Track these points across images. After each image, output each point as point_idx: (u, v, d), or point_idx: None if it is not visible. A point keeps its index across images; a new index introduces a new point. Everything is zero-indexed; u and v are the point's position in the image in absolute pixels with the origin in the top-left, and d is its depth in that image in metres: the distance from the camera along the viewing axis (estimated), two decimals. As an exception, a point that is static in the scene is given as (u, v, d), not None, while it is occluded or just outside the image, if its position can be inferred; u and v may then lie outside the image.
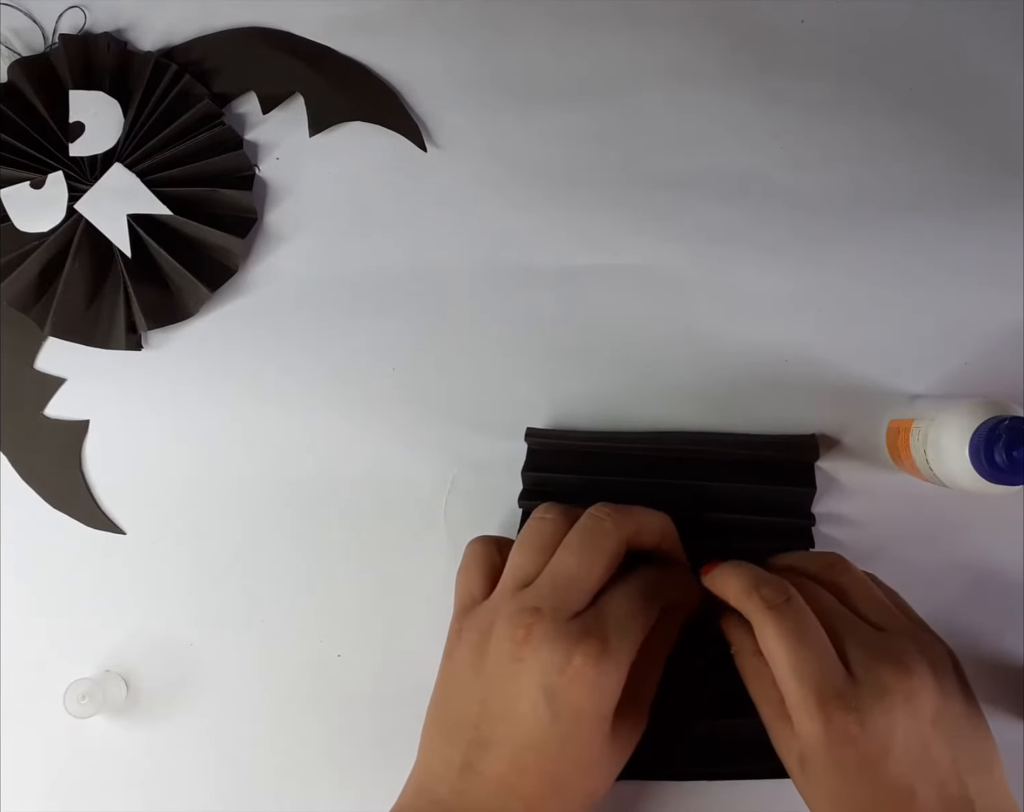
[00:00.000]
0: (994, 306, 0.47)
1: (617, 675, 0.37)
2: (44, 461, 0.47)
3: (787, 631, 0.37)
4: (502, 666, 0.37)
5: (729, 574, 0.40)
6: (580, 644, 0.36)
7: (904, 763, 0.35)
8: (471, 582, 0.41)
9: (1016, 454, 0.36)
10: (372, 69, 0.49)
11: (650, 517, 0.42)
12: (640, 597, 0.39)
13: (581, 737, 0.37)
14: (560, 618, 0.37)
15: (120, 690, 0.46)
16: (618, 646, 0.37)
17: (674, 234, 0.48)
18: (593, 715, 0.37)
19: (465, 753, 0.38)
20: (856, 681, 0.36)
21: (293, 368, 0.48)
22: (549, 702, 0.36)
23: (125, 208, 0.47)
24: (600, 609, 0.38)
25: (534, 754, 0.37)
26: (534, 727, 0.36)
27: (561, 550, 0.39)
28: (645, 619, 0.38)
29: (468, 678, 0.39)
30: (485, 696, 0.38)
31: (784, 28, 0.48)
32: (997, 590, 0.45)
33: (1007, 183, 0.47)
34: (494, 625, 0.38)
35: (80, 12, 0.49)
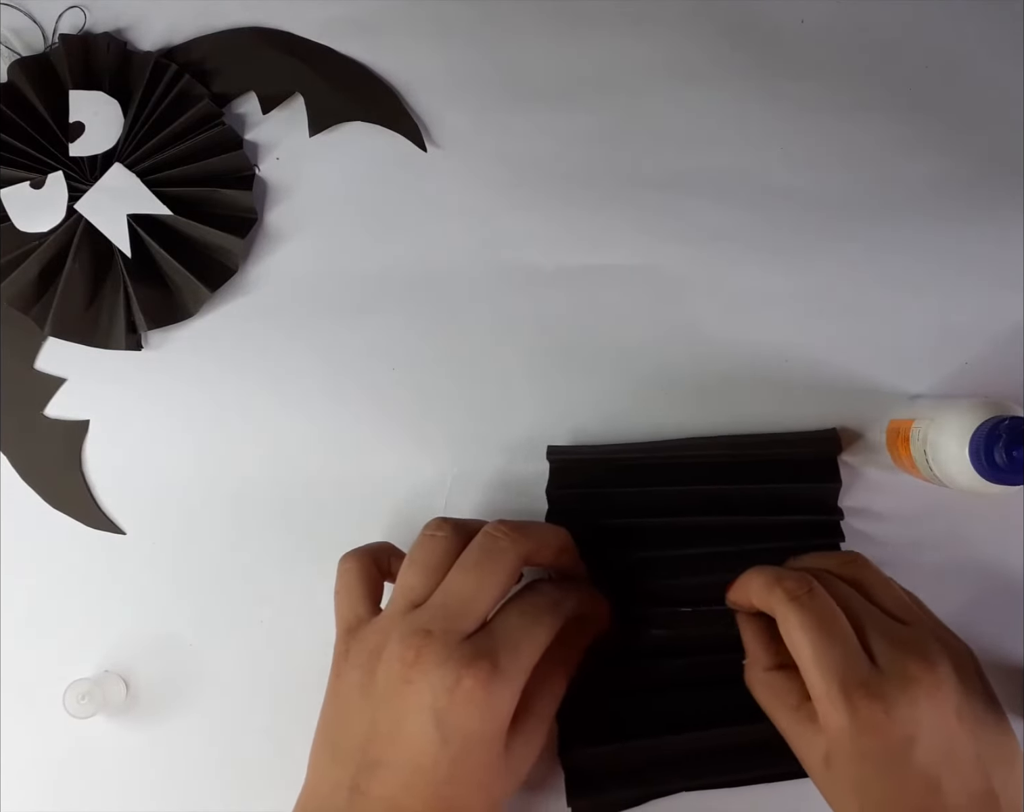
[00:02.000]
0: (994, 306, 0.47)
1: (508, 696, 0.36)
2: (44, 461, 0.47)
3: (810, 622, 0.37)
4: (392, 688, 0.37)
5: (750, 575, 0.40)
6: (470, 667, 0.36)
7: (930, 754, 0.35)
8: (353, 601, 0.41)
9: (1016, 454, 0.36)
10: (372, 69, 0.49)
11: (548, 533, 0.41)
12: (534, 614, 0.38)
13: (472, 758, 0.36)
14: (451, 640, 0.36)
15: (120, 690, 0.46)
16: (508, 666, 0.36)
17: (674, 234, 0.48)
18: (483, 736, 0.36)
19: (354, 775, 0.37)
20: (881, 671, 0.36)
21: (293, 368, 0.48)
22: (438, 725, 0.36)
23: (125, 208, 0.47)
24: (492, 629, 0.37)
25: (424, 776, 0.36)
26: (423, 749, 0.36)
27: (455, 570, 0.39)
28: (540, 636, 0.38)
29: (357, 699, 0.38)
30: (374, 718, 0.37)
31: (784, 28, 0.48)
32: (997, 590, 0.45)
33: (1007, 183, 0.47)
34: (384, 646, 0.38)
35: (80, 12, 0.49)
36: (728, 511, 0.45)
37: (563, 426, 0.47)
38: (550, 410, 0.47)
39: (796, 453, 0.46)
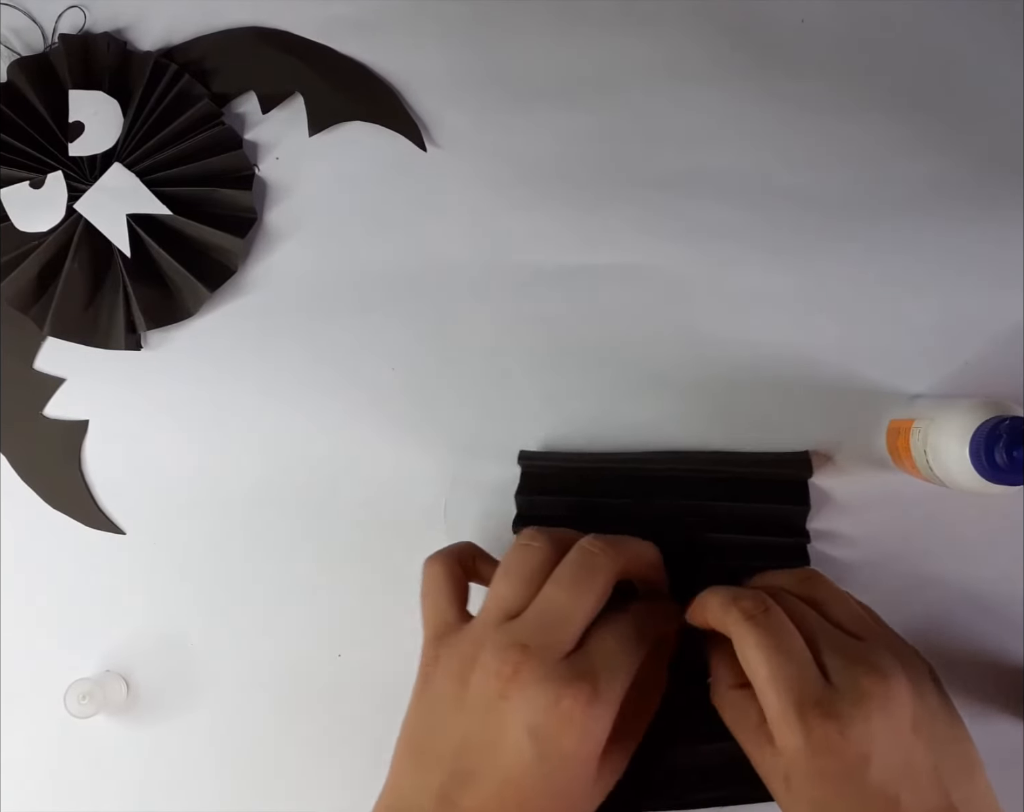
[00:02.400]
0: (994, 306, 0.47)
1: (605, 719, 0.36)
2: (44, 461, 0.47)
3: (766, 641, 0.36)
4: (486, 700, 0.36)
5: (707, 596, 0.40)
6: (570, 687, 0.35)
7: (886, 771, 0.35)
8: (441, 606, 0.40)
9: (1016, 454, 0.36)
10: (372, 69, 0.49)
11: (641, 549, 0.41)
12: (630, 637, 0.38)
13: (566, 778, 0.36)
14: (549, 658, 0.36)
15: (120, 690, 0.46)
16: (607, 689, 0.36)
17: (675, 234, 0.48)
18: (579, 757, 0.36)
19: (443, 783, 0.37)
20: (834, 688, 0.35)
21: (292, 368, 0.48)
22: (535, 742, 0.35)
23: (124, 208, 0.47)
24: (589, 650, 0.37)
25: (516, 790, 0.36)
26: (517, 765, 0.36)
27: (550, 584, 0.38)
28: (634, 659, 0.38)
29: (448, 707, 0.38)
30: (467, 728, 0.37)
31: (784, 27, 0.48)
32: (997, 590, 0.45)
33: (1007, 182, 0.47)
34: (477, 657, 0.37)
35: (80, 12, 0.49)
36: (695, 528, 0.45)
37: (563, 426, 0.47)
38: (550, 410, 0.47)
39: (768, 473, 0.45)
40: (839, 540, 0.46)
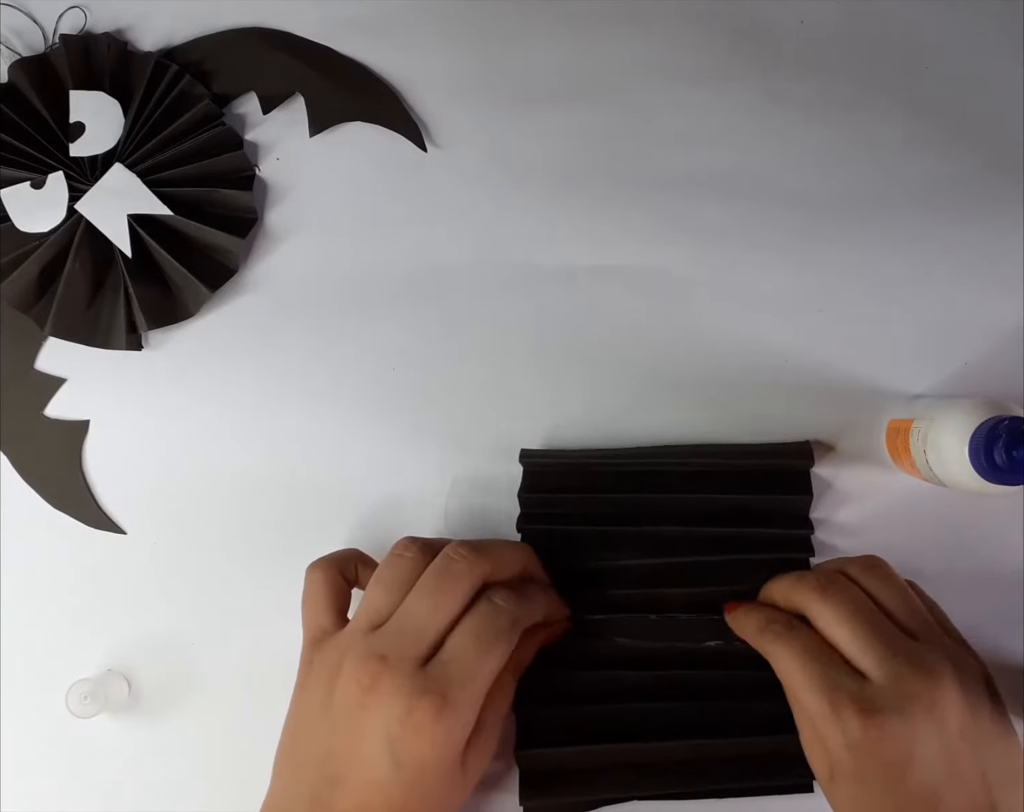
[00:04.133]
0: (994, 306, 0.47)
1: (459, 727, 0.37)
2: (44, 461, 0.47)
3: (794, 651, 0.38)
4: (348, 710, 0.37)
5: (744, 616, 0.42)
6: (421, 699, 0.36)
7: (928, 772, 0.35)
8: (318, 612, 0.41)
9: (1016, 454, 0.36)
10: (372, 69, 0.49)
11: (508, 552, 0.42)
12: (489, 638, 0.38)
13: (426, 782, 0.37)
14: (405, 669, 0.37)
15: (122, 689, 0.46)
16: (459, 698, 0.37)
17: (674, 234, 0.48)
18: (436, 763, 0.37)
19: (314, 788, 0.38)
20: (877, 686, 0.36)
21: (293, 368, 0.48)
22: (392, 751, 0.36)
23: (125, 208, 0.47)
24: (445, 658, 0.38)
25: (380, 796, 0.37)
26: (378, 773, 0.37)
27: (413, 593, 0.39)
28: (493, 662, 0.38)
29: (316, 714, 0.39)
30: (332, 735, 0.38)
31: (784, 28, 0.49)
32: (997, 590, 0.45)
33: (1007, 183, 0.47)
34: (343, 664, 0.38)
35: (80, 12, 0.49)
36: (698, 522, 0.45)
37: (564, 426, 0.47)
38: (551, 411, 0.47)
39: (770, 464, 0.46)
40: (839, 534, 0.46)
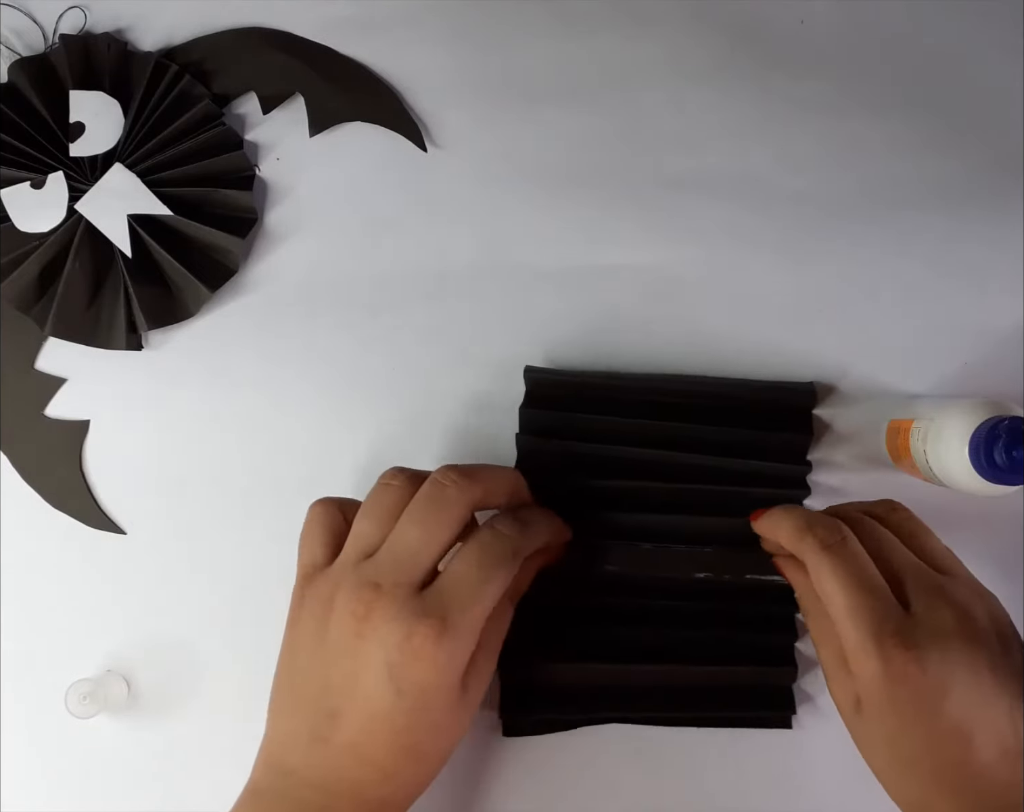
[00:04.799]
0: (994, 306, 0.47)
1: (460, 650, 0.37)
2: (45, 461, 0.47)
3: (843, 572, 0.37)
4: (344, 641, 0.37)
5: (781, 516, 0.41)
6: (420, 623, 0.36)
7: (962, 707, 0.35)
8: (313, 547, 0.40)
9: (1016, 454, 0.36)
10: (372, 69, 0.49)
11: (498, 476, 0.41)
12: (489, 565, 0.38)
13: (428, 708, 0.37)
14: (400, 595, 0.36)
15: (121, 690, 0.46)
16: (459, 621, 0.36)
17: (674, 234, 0.48)
18: (438, 687, 0.37)
19: (313, 723, 0.37)
20: (916, 620, 0.36)
21: (293, 367, 0.48)
22: (392, 678, 0.36)
23: (125, 208, 0.47)
24: (443, 584, 0.37)
25: (382, 724, 0.37)
26: (379, 702, 0.36)
27: (403, 520, 0.38)
28: (493, 588, 0.38)
29: (311, 649, 0.38)
30: (329, 668, 0.37)
31: (784, 28, 0.49)
32: (997, 590, 0.45)
33: (1007, 182, 0.48)
34: (335, 597, 0.38)
35: (80, 12, 0.49)
36: (699, 450, 0.45)
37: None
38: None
39: (772, 400, 0.46)
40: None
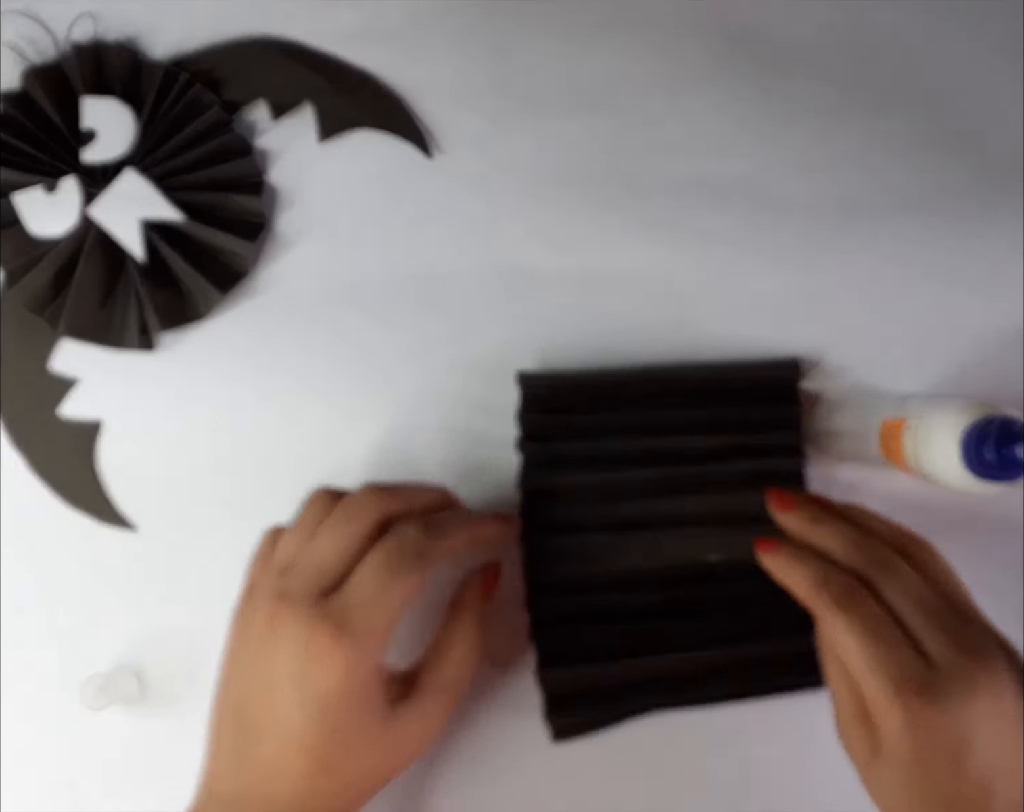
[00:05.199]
0: (989, 307, 0.47)
1: (362, 654, 0.36)
2: (58, 460, 0.48)
3: (859, 627, 0.36)
4: (259, 652, 0.37)
5: (794, 566, 0.39)
6: (319, 625, 0.36)
7: (985, 759, 0.34)
8: (254, 566, 0.41)
9: (1006, 452, 0.36)
10: (380, 78, 0.49)
11: (419, 490, 0.42)
12: (393, 566, 0.37)
13: (337, 720, 0.36)
14: (305, 602, 0.36)
15: (133, 685, 0.46)
16: (360, 624, 0.36)
17: (676, 238, 0.48)
18: (342, 696, 0.36)
19: (234, 742, 0.38)
20: (938, 671, 0.35)
21: (301, 369, 0.48)
22: (296, 687, 0.36)
23: (137, 213, 0.48)
24: (346, 587, 0.37)
25: (296, 741, 0.36)
26: (289, 713, 0.36)
27: (319, 532, 0.39)
28: (397, 590, 0.37)
29: (233, 664, 0.39)
30: (246, 683, 0.38)
31: (783, 33, 0.49)
32: (992, 589, 0.44)
33: (1005, 184, 0.48)
34: (254, 610, 0.38)
35: (91, 20, 0.50)
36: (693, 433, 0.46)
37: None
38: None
39: (758, 376, 0.46)
40: None
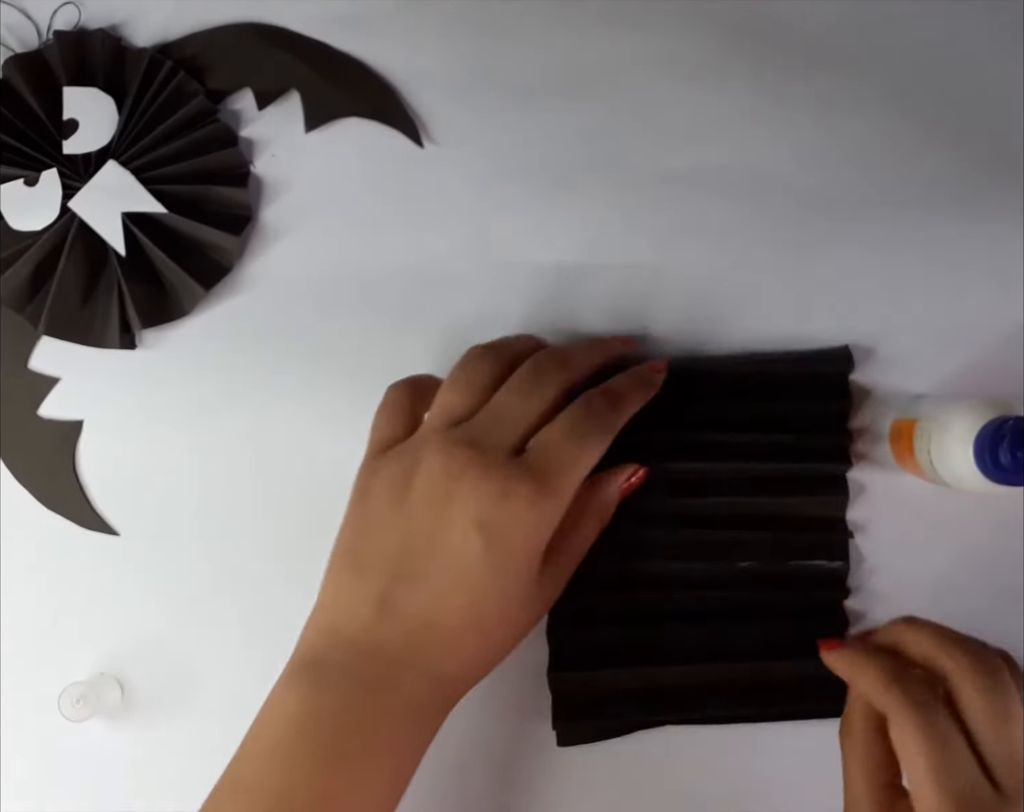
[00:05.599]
0: (997, 304, 0.47)
1: (552, 515, 0.37)
2: (38, 461, 0.47)
3: (931, 731, 0.34)
4: (433, 499, 0.37)
5: (864, 662, 0.37)
6: (520, 482, 0.36)
7: None
8: (393, 423, 0.41)
9: (1020, 454, 0.36)
10: (369, 65, 0.49)
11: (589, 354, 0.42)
12: (582, 433, 0.38)
13: (509, 573, 0.37)
14: (499, 454, 0.37)
15: (115, 693, 0.46)
16: (555, 486, 0.37)
17: (675, 232, 0.48)
18: (525, 551, 0.37)
19: (384, 589, 0.37)
20: (1005, 799, 0.34)
21: (288, 366, 0.48)
22: (483, 535, 0.36)
23: (119, 206, 0.47)
24: (539, 447, 0.37)
25: (461, 587, 0.36)
26: (464, 560, 0.36)
27: (502, 390, 0.39)
28: (586, 458, 0.38)
29: (387, 513, 0.38)
30: (409, 529, 0.37)
31: (784, 25, 0.48)
32: (1000, 591, 0.45)
33: (1008, 182, 0.47)
34: (421, 459, 0.38)
35: (74, 8, 0.49)
36: (733, 429, 0.44)
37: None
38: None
39: (807, 370, 0.45)
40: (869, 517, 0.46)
